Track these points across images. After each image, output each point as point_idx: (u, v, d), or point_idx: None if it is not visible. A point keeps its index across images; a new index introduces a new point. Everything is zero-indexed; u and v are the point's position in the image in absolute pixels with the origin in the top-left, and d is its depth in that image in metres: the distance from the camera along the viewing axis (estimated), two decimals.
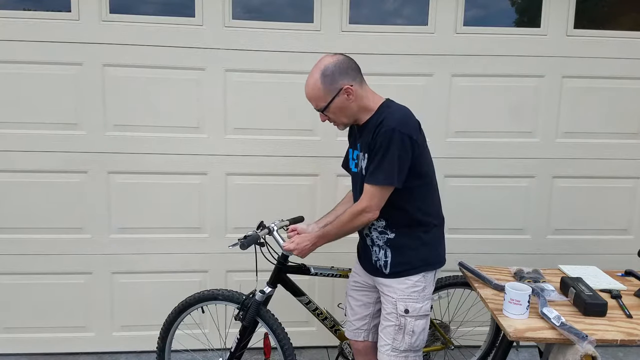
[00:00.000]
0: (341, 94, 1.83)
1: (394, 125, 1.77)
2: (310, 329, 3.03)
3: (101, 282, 2.88)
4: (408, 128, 1.79)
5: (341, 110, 1.87)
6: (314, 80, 1.84)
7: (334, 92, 1.83)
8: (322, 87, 1.83)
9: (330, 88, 1.83)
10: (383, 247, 1.95)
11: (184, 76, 2.73)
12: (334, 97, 1.84)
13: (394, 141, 1.76)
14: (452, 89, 2.84)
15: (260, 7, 2.77)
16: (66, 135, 2.72)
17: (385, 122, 1.79)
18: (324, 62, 1.85)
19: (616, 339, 1.71)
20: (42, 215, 2.78)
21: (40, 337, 2.91)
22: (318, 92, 1.84)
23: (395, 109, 1.86)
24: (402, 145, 1.77)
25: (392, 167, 1.78)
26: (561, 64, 2.85)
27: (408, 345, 1.92)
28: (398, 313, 1.92)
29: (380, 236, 1.94)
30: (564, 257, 2.92)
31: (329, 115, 1.90)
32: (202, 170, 2.82)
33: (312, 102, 1.90)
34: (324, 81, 1.82)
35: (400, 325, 1.92)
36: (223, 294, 2.28)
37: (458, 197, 2.94)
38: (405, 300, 1.91)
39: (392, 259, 1.93)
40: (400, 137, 1.76)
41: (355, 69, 1.87)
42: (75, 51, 2.65)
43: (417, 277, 1.92)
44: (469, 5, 2.80)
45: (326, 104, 1.85)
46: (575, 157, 2.95)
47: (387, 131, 1.77)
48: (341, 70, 1.83)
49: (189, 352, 2.92)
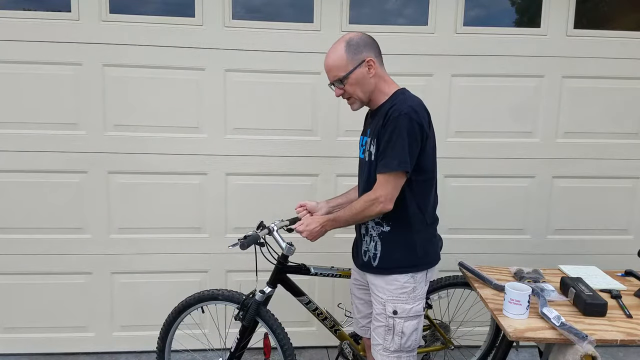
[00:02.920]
0: (363, 66, 1.83)
1: (406, 110, 1.76)
2: (310, 329, 3.03)
3: (101, 282, 2.88)
4: (419, 115, 1.78)
5: (359, 83, 1.85)
6: (338, 49, 1.83)
7: (357, 62, 1.82)
8: (345, 55, 1.82)
9: (353, 57, 1.82)
10: (374, 239, 1.94)
11: (184, 76, 2.73)
12: (356, 67, 1.82)
13: (404, 127, 1.75)
14: (452, 89, 2.84)
15: (260, 7, 2.77)
16: (66, 135, 2.72)
17: (397, 108, 1.78)
18: (349, 35, 1.86)
19: (616, 339, 1.71)
20: (42, 215, 2.78)
21: (40, 337, 2.91)
22: (340, 61, 1.83)
23: (409, 97, 1.85)
24: (413, 132, 1.76)
25: (403, 152, 1.76)
26: (561, 64, 2.85)
27: (398, 345, 1.91)
28: (387, 314, 1.91)
29: (375, 227, 1.93)
30: (564, 257, 2.92)
31: (346, 87, 1.86)
32: (202, 170, 2.82)
33: (331, 73, 1.87)
34: (349, 49, 1.82)
35: (389, 326, 1.91)
36: (223, 294, 2.28)
37: (458, 197, 2.94)
38: (394, 301, 1.90)
39: (381, 253, 1.92)
40: (411, 124, 1.75)
41: (377, 48, 1.88)
42: (75, 51, 2.65)
43: (405, 278, 1.90)
44: (469, 5, 2.80)
45: (346, 74, 1.83)
46: (575, 157, 2.95)
47: (398, 116, 1.76)
48: (365, 43, 1.84)
49: (189, 352, 2.92)
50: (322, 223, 1.95)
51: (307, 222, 1.97)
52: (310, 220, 1.97)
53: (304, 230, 1.97)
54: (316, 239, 1.99)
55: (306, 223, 1.97)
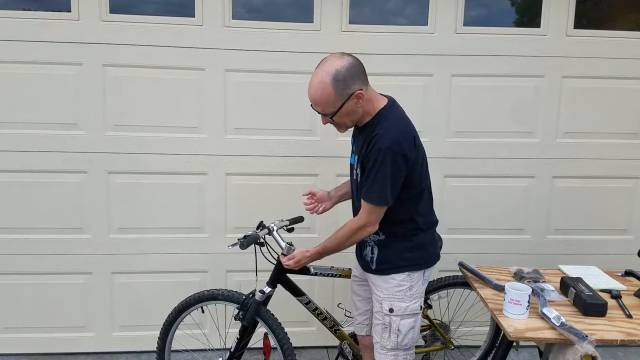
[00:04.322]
0: (352, 99, 1.74)
1: (387, 144, 1.71)
2: (310, 329, 3.03)
3: (101, 282, 2.88)
4: (401, 146, 1.73)
5: (348, 115, 1.79)
6: (324, 85, 1.70)
7: (345, 97, 1.73)
8: (333, 92, 1.71)
9: (341, 93, 1.72)
10: (371, 244, 1.98)
11: (184, 76, 2.73)
12: (344, 102, 1.73)
13: (386, 160, 1.72)
14: (452, 89, 2.84)
15: (260, 7, 2.77)
16: (66, 135, 2.72)
17: (379, 140, 1.73)
18: (334, 65, 1.71)
19: (616, 339, 1.71)
20: (42, 215, 2.78)
21: (40, 337, 2.90)
22: (328, 98, 1.72)
23: (391, 124, 1.77)
24: (395, 164, 1.73)
25: (384, 186, 1.76)
26: (561, 64, 2.85)
27: (395, 343, 1.93)
28: (383, 312, 1.94)
29: (372, 235, 1.95)
30: (564, 257, 2.92)
31: (335, 119, 1.80)
32: (202, 170, 2.82)
33: (318, 107, 1.78)
34: (336, 86, 1.70)
35: (386, 323, 1.94)
36: (223, 294, 2.28)
37: (458, 197, 2.94)
38: (390, 299, 1.92)
39: (377, 256, 1.96)
40: (393, 157, 1.72)
41: (363, 71, 1.77)
42: (75, 51, 2.65)
43: (401, 277, 1.92)
44: (469, 5, 2.80)
45: (335, 110, 1.75)
46: (575, 157, 2.95)
47: (379, 150, 1.72)
48: (353, 75, 1.72)
49: (189, 352, 2.92)
50: (314, 258, 2.02)
51: (299, 258, 2.03)
52: (301, 256, 2.02)
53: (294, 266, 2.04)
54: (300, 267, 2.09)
55: (297, 259, 2.03)
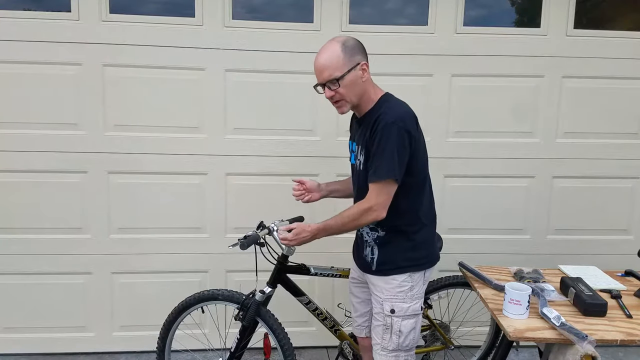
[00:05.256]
0: (358, 69, 1.80)
1: (392, 119, 1.76)
2: (310, 329, 3.03)
3: (101, 282, 2.88)
4: (406, 123, 1.78)
5: (352, 86, 1.81)
6: (334, 49, 1.79)
7: (352, 64, 1.79)
8: (342, 55, 1.78)
9: (349, 59, 1.79)
10: (371, 244, 1.96)
11: (184, 76, 2.73)
12: (351, 69, 1.79)
13: (392, 135, 1.75)
14: (452, 89, 2.84)
15: (260, 7, 2.77)
16: (66, 135, 2.72)
17: (384, 117, 1.78)
18: (341, 37, 1.84)
19: (616, 339, 1.71)
20: (42, 215, 2.78)
21: (40, 337, 2.90)
22: (337, 61, 1.78)
23: (394, 104, 1.85)
24: (401, 140, 1.76)
25: (392, 161, 1.76)
26: (561, 64, 2.85)
27: (396, 345, 1.92)
28: (384, 313, 1.92)
29: (370, 233, 1.94)
30: (564, 257, 2.91)
31: (340, 89, 1.80)
32: (202, 170, 2.82)
33: (325, 72, 1.80)
34: (345, 50, 1.78)
35: (387, 325, 1.92)
36: (223, 294, 2.28)
37: (458, 197, 2.94)
38: (392, 300, 1.91)
39: (378, 257, 1.94)
40: (398, 132, 1.75)
41: (366, 54, 1.87)
42: (75, 51, 2.65)
43: (403, 277, 1.91)
44: (469, 5, 2.80)
45: (342, 74, 1.78)
46: (575, 157, 2.95)
47: (385, 126, 1.75)
48: (359, 47, 1.83)
49: (189, 352, 2.92)
50: (314, 233, 1.90)
51: (298, 232, 1.91)
52: (301, 229, 1.91)
53: (293, 239, 1.90)
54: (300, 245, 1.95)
55: (296, 232, 1.91)
